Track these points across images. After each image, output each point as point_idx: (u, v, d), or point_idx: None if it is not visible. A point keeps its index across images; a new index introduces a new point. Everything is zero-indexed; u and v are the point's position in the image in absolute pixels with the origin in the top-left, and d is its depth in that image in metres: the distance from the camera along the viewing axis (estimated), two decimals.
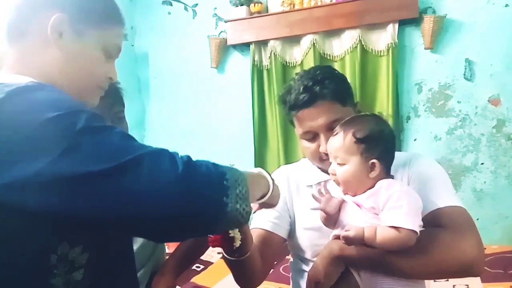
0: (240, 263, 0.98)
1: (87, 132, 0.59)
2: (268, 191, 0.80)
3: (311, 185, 1.11)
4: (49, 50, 0.73)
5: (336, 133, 0.95)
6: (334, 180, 0.96)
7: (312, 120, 1.04)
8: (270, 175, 0.83)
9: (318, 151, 1.05)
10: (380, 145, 0.92)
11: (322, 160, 1.05)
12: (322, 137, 1.03)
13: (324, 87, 1.03)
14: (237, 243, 0.90)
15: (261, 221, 1.11)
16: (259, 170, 0.83)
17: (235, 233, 0.89)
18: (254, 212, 0.88)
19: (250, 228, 0.99)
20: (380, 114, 0.99)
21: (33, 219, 0.60)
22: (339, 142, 0.93)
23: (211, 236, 0.89)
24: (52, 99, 0.63)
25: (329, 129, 1.01)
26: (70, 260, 0.64)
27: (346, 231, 0.88)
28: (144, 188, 0.57)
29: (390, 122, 2.60)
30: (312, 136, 1.06)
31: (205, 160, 0.65)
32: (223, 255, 0.99)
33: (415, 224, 0.84)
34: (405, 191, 0.88)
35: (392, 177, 0.95)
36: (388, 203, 0.86)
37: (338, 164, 0.94)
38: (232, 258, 0.97)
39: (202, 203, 0.61)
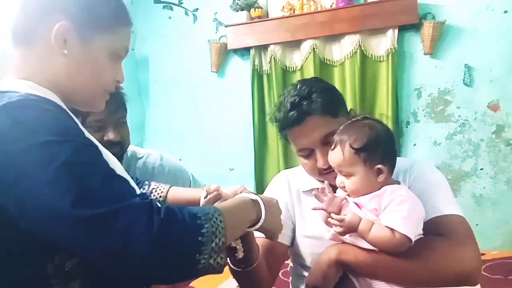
0: (247, 274, 0.96)
1: (69, 167, 0.58)
2: (259, 221, 0.78)
3: (307, 190, 1.11)
4: (55, 57, 0.72)
5: (334, 147, 0.93)
6: (344, 191, 0.95)
7: (304, 137, 1.02)
8: (265, 206, 0.79)
9: (316, 166, 1.02)
10: (380, 148, 0.91)
11: (322, 174, 1.03)
12: (318, 153, 1.01)
13: (312, 102, 1.00)
14: (240, 254, 0.88)
15: None
16: (255, 198, 0.79)
17: (237, 244, 0.87)
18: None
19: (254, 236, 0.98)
20: (370, 115, 0.98)
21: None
22: (339, 156, 0.92)
23: None
24: (44, 120, 0.62)
25: (324, 143, 0.99)
26: (67, 270, 0.64)
27: (344, 215, 0.89)
28: (114, 245, 0.56)
29: (390, 126, 2.59)
30: (308, 152, 1.03)
31: (183, 210, 0.62)
32: (229, 266, 0.97)
33: (411, 231, 0.84)
34: (410, 196, 0.88)
35: (399, 182, 0.94)
36: (390, 205, 0.87)
37: (344, 175, 0.93)
38: (239, 269, 0.96)
39: (172, 264, 0.59)
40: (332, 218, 0.91)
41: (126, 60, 0.82)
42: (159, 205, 0.61)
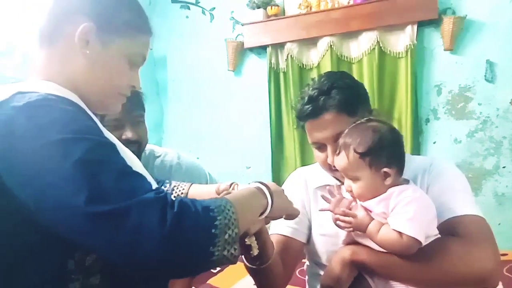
0: (262, 271, 0.97)
1: (83, 164, 0.59)
2: (267, 206, 0.78)
3: (319, 186, 1.10)
4: (76, 57, 0.75)
5: (339, 152, 0.93)
6: (351, 196, 0.94)
7: (318, 131, 1.02)
8: (269, 189, 0.79)
9: (327, 161, 1.02)
10: (386, 151, 0.89)
11: (332, 170, 1.03)
12: (329, 149, 1.01)
13: (329, 98, 1.00)
14: (255, 252, 0.88)
15: (280, 227, 1.10)
16: (257, 185, 0.80)
17: (252, 241, 0.86)
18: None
19: (269, 233, 0.98)
20: (375, 117, 0.96)
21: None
22: (344, 161, 0.91)
23: None
24: (60, 119, 0.63)
25: (336, 140, 0.99)
26: (87, 265, 0.65)
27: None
28: (127, 240, 0.57)
29: (409, 124, 2.53)
30: (320, 146, 1.04)
31: (196, 203, 0.62)
32: (244, 263, 0.97)
33: (419, 232, 0.83)
34: (417, 197, 0.86)
35: (408, 181, 0.93)
36: (396, 208, 0.85)
37: (350, 179, 0.92)
38: (254, 266, 0.96)
39: (187, 257, 0.60)
40: (344, 215, 0.90)
41: None
42: (173, 199, 0.62)
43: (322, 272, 1.05)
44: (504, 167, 2.42)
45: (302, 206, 1.13)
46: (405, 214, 0.83)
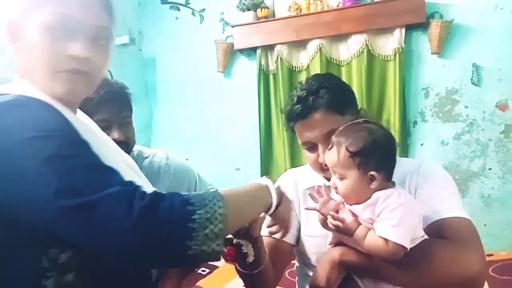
0: (253, 276, 0.97)
1: (54, 160, 0.60)
2: (272, 204, 0.79)
3: (310, 187, 1.10)
4: (19, 53, 0.75)
5: (331, 147, 0.93)
6: (336, 193, 0.95)
7: (308, 131, 1.03)
8: (277, 189, 0.81)
9: (318, 161, 1.03)
10: (376, 155, 0.88)
11: (323, 169, 1.04)
12: (320, 148, 1.01)
13: (318, 98, 1.01)
14: (250, 259, 0.89)
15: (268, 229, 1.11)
16: (266, 183, 0.81)
17: (248, 249, 0.88)
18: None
19: None
20: (373, 120, 0.96)
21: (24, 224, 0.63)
22: (334, 157, 0.91)
23: (224, 250, 0.88)
24: (30, 119, 0.64)
25: (327, 139, 0.99)
26: (61, 262, 0.65)
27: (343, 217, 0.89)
28: (97, 233, 0.59)
29: (397, 126, 2.55)
30: (311, 146, 1.04)
31: (174, 196, 0.63)
32: (236, 268, 0.98)
33: (404, 238, 0.83)
34: (402, 203, 0.86)
35: (394, 184, 0.93)
36: (382, 214, 0.85)
37: (337, 177, 0.92)
38: (246, 272, 0.96)
39: (158, 248, 0.60)
40: (332, 218, 0.90)
41: (133, 61, 0.83)
42: (147, 191, 0.62)
43: (311, 273, 1.06)
44: (490, 169, 2.46)
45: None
46: (390, 220, 0.84)
